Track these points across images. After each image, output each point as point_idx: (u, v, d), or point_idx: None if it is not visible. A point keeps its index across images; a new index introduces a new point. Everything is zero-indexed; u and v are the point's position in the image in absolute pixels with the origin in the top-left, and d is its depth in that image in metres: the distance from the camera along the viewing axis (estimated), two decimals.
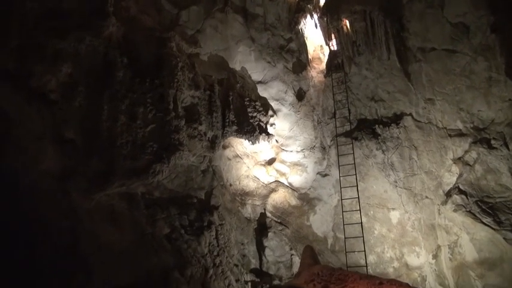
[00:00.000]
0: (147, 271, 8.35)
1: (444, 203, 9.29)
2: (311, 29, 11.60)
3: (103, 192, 7.77)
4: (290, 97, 11.05)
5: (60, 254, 7.21)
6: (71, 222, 7.46)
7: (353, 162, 9.87)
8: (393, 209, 10.17)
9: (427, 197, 9.71)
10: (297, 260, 10.98)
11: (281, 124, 11.09)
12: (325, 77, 11.31)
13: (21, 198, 6.82)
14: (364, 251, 9.18)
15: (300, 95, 11.18)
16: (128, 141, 7.82)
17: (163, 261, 8.66)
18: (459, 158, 9.21)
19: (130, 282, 8.07)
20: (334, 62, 11.10)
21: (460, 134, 9.22)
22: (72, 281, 7.28)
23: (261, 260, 11.13)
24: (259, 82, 10.99)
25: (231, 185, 11.12)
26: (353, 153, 9.98)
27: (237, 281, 10.11)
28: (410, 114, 9.94)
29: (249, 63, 10.76)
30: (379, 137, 10.10)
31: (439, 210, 9.56)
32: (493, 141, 8.67)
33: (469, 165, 8.99)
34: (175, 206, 9.35)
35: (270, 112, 11.05)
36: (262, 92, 11.03)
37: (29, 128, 6.99)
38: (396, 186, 10.03)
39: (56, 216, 7.27)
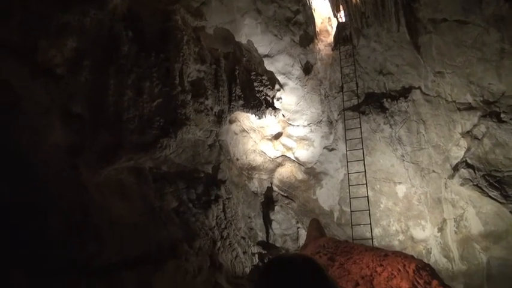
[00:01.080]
0: (156, 243, 8.53)
1: (451, 177, 9.27)
2: (319, 1, 11.32)
3: (111, 167, 7.86)
4: (297, 71, 10.91)
5: (72, 227, 7.38)
6: (81, 196, 7.59)
7: (360, 136, 9.83)
8: (400, 183, 10.19)
9: (434, 171, 9.69)
10: (303, 233, 11.15)
11: (288, 98, 11.01)
12: (332, 50, 11.12)
13: (32, 173, 6.93)
14: (370, 224, 9.27)
15: (307, 69, 11.04)
16: (134, 116, 7.83)
17: (172, 233, 8.83)
18: (467, 132, 9.12)
19: (140, 254, 8.27)
20: (342, 35, 10.88)
21: (469, 108, 9.09)
22: (84, 253, 7.48)
23: (267, 232, 11.31)
24: (266, 56, 10.84)
25: (237, 159, 11.18)
26: (360, 127, 9.92)
27: (244, 253, 10.32)
28: (419, 88, 9.79)
29: (255, 36, 10.58)
30: (387, 111, 10.01)
31: (445, 184, 9.56)
32: (502, 115, 8.55)
33: (477, 139, 8.91)
34: (182, 180, 9.46)
35: (277, 86, 10.96)
36: (269, 65, 10.90)
37: (36, 103, 7.02)
38: (403, 160, 10.01)
39: (66, 191, 7.40)
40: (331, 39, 11.38)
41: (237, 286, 9.24)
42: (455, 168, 9.22)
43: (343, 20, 10.80)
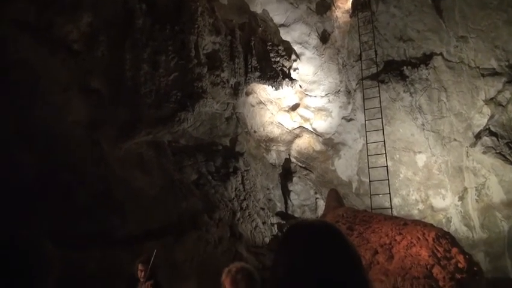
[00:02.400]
0: (177, 215, 8.75)
1: (473, 145, 9.08)
2: None
3: (131, 141, 7.99)
4: (314, 40, 10.67)
5: (95, 200, 7.61)
6: (103, 170, 7.78)
7: (379, 105, 9.65)
8: (420, 152, 10.04)
9: (455, 140, 9.50)
10: (321, 204, 11.22)
11: (305, 68, 10.83)
12: (350, 17, 10.78)
13: (55, 148, 7.11)
14: (389, 193, 9.24)
15: (324, 37, 10.78)
16: (151, 90, 7.87)
17: (192, 205, 9.02)
18: (491, 99, 8.84)
19: (162, 226, 8.51)
20: (361, 0, 10.51)
21: (494, 73, 8.77)
22: (108, 225, 7.74)
23: (286, 203, 11.43)
24: (282, 25, 10.61)
25: (255, 131, 11.19)
26: (379, 96, 9.73)
27: (263, 223, 10.49)
28: (441, 54, 9.46)
29: (270, 5, 10.33)
30: (407, 79, 9.75)
31: (467, 152, 9.38)
32: None
33: (501, 105, 8.64)
34: (201, 153, 9.57)
35: (293, 56, 10.77)
36: (285, 35, 10.68)
37: (55, 79, 7.11)
38: (423, 129, 9.83)
39: (88, 165, 7.59)
40: (348, 5, 11.01)
41: (257, 255, 9.46)
42: (478, 136, 9.01)
43: None
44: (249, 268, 3.12)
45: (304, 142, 11.47)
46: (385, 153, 9.48)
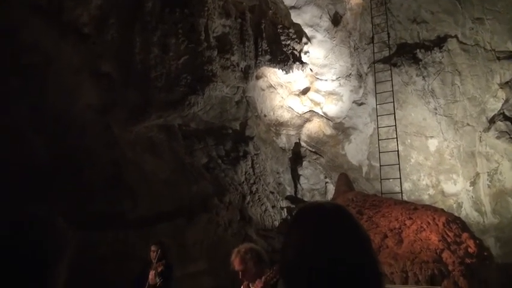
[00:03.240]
0: (188, 198, 8.84)
1: (487, 130, 8.94)
2: None
3: (142, 124, 8.04)
4: (325, 22, 10.49)
5: (107, 182, 7.72)
6: (114, 153, 7.86)
7: (391, 89, 9.52)
8: (431, 137, 9.93)
9: (468, 124, 9.36)
10: (331, 188, 11.22)
11: (315, 52, 10.69)
12: None
13: (67, 131, 7.20)
14: (400, 178, 9.19)
15: (336, 20, 10.59)
16: (162, 74, 7.87)
17: (203, 189, 9.10)
18: (506, 83, 8.65)
19: (173, 209, 8.61)
20: None
21: (510, 56, 8.57)
22: (120, 207, 7.86)
23: (296, 187, 11.46)
24: (293, 7, 10.44)
25: (265, 115, 11.15)
26: (391, 80, 9.58)
27: (273, 207, 10.55)
28: (456, 37, 9.25)
29: None
30: (420, 62, 9.57)
31: (480, 137, 9.25)
32: None
33: None
34: (211, 137, 9.59)
35: (304, 39, 10.62)
36: (296, 18, 10.52)
37: (66, 62, 7.15)
38: (436, 113, 9.69)
39: (100, 148, 7.68)
40: None
41: (267, 238, 9.54)
42: (492, 121, 8.86)
43: None
44: (258, 249, 3.17)
45: (314, 126, 11.41)
46: (396, 138, 9.40)
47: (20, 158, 6.70)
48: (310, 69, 10.79)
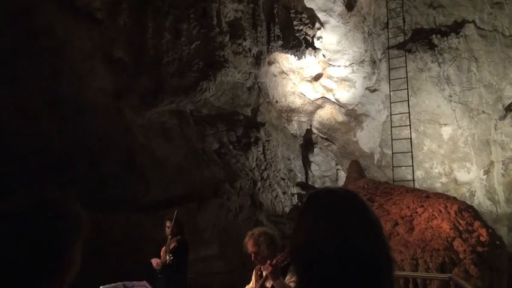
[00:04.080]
0: (199, 183, 8.92)
1: (502, 117, 8.77)
2: None
3: (154, 110, 8.09)
4: (339, 7, 10.30)
5: (120, 167, 7.83)
6: (127, 138, 7.94)
7: (405, 76, 9.37)
8: (445, 124, 9.78)
9: (483, 112, 9.19)
10: (342, 175, 11.20)
11: (329, 37, 10.54)
12: None
13: (81, 116, 7.28)
14: (412, 166, 9.11)
15: (350, 4, 10.39)
16: (174, 59, 7.87)
17: (214, 174, 9.17)
18: None
19: (184, 193, 8.71)
20: None
21: None
22: (132, 191, 7.98)
23: (306, 174, 11.46)
24: None
25: (277, 101, 11.11)
26: (405, 66, 9.42)
27: (283, 193, 10.59)
28: (473, 22, 9.01)
29: None
30: (436, 48, 9.37)
31: (495, 125, 9.08)
32: None
33: None
34: (223, 123, 9.61)
35: (317, 25, 10.46)
36: (309, 2, 10.35)
37: (80, 48, 7.20)
38: (451, 100, 9.53)
39: (113, 133, 7.76)
40: None
41: (277, 224, 9.61)
42: (508, 109, 8.68)
43: None
44: (271, 233, 3.22)
45: (326, 113, 11.33)
46: (410, 125, 9.29)
47: (36, 142, 6.82)
48: (323, 55, 10.66)
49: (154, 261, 5.15)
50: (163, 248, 5.12)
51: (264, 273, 3.03)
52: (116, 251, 7.08)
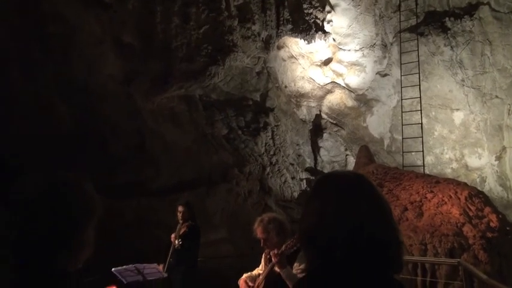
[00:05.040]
0: (209, 168, 8.97)
1: None
2: None
3: (163, 95, 8.10)
4: None
5: (130, 152, 7.90)
6: (137, 123, 7.99)
7: (417, 60, 9.21)
8: (457, 109, 9.64)
9: (497, 97, 9.02)
10: (351, 160, 11.16)
11: (339, 21, 10.36)
12: None
13: (91, 101, 7.33)
14: (422, 151, 9.03)
15: None
16: (182, 44, 7.83)
17: (223, 159, 9.21)
18: None
19: (194, 178, 8.79)
20: None
21: None
22: (142, 176, 8.06)
23: (315, 159, 11.45)
24: None
25: (286, 86, 11.03)
26: (417, 50, 9.25)
27: (292, 178, 10.62)
28: (488, 4, 8.77)
29: None
30: (449, 32, 9.17)
31: (509, 110, 8.92)
32: None
33: None
34: (231, 108, 9.60)
35: (327, 8, 10.29)
36: None
37: (89, 33, 7.19)
38: (463, 85, 9.36)
39: (123, 118, 7.82)
40: None
41: (286, 209, 9.67)
42: None
43: None
44: (281, 219, 3.23)
45: (336, 98, 11.24)
46: (421, 110, 9.17)
47: (48, 127, 6.90)
48: (333, 39, 10.50)
49: (173, 237, 5.24)
50: (174, 234, 5.20)
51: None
52: (128, 234, 7.21)
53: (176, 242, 5.11)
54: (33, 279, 0.96)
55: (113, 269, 4.60)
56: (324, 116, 11.51)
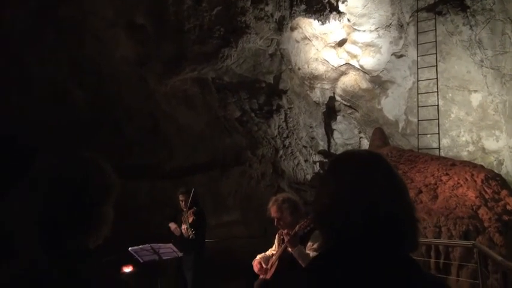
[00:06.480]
0: (222, 150, 9.01)
1: None
2: None
3: (176, 78, 8.10)
4: None
5: (144, 134, 7.97)
6: (150, 105, 8.03)
7: (434, 40, 8.98)
8: (475, 91, 9.42)
9: None
10: (365, 143, 11.07)
11: (354, 0, 10.12)
12: None
13: (105, 84, 7.38)
14: (438, 133, 8.90)
15: None
16: (195, 26, 7.77)
17: (236, 142, 9.23)
18: None
19: (207, 160, 8.85)
20: None
21: None
22: (156, 158, 8.15)
23: (329, 142, 11.38)
24: None
25: (299, 68, 10.90)
26: (435, 29, 9.00)
27: (305, 161, 10.60)
28: None
29: None
30: (468, 10, 8.88)
31: None
32: None
33: None
34: (244, 91, 9.56)
35: None
36: None
37: (102, 16, 7.18)
38: (482, 66, 9.11)
39: (137, 101, 7.86)
40: None
41: (299, 191, 9.69)
42: None
43: None
44: (295, 199, 3.26)
45: (350, 80, 11.08)
46: (437, 92, 8.99)
47: (63, 111, 6.99)
48: (348, 20, 10.28)
49: (173, 226, 5.33)
50: (184, 226, 5.24)
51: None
52: (143, 215, 7.35)
53: (189, 232, 5.14)
54: (58, 255, 0.99)
55: (129, 248, 4.71)
56: (337, 98, 11.38)
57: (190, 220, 5.25)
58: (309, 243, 2.96)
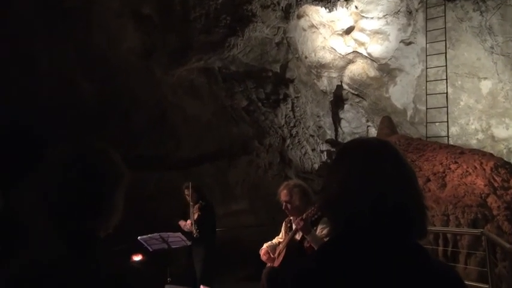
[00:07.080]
0: (229, 140, 9.03)
1: None
2: None
3: (182, 68, 8.09)
4: None
5: (151, 125, 8.00)
6: (157, 96, 8.05)
7: (443, 26, 8.84)
8: (485, 78, 9.28)
9: None
10: (373, 132, 11.01)
11: None
12: None
13: (112, 75, 7.39)
14: (447, 121, 8.81)
15: None
16: (201, 15, 7.72)
17: (243, 131, 9.23)
18: None
19: (214, 150, 8.87)
20: None
21: None
22: (163, 149, 8.18)
23: (336, 131, 11.33)
24: None
25: (306, 57, 10.81)
26: (444, 15, 8.86)
27: (313, 150, 10.59)
28: None
29: None
30: None
31: None
32: None
33: None
34: (251, 80, 9.53)
35: None
36: None
37: (108, 5, 7.17)
38: (492, 52, 8.96)
39: (144, 91, 7.88)
40: None
41: (306, 180, 9.69)
42: None
43: None
44: (305, 186, 3.31)
45: (357, 68, 10.96)
46: (446, 79, 8.88)
47: (70, 102, 7.03)
48: (355, 7, 10.14)
49: (182, 223, 5.36)
50: (189, 221, 5.26)
51: (294, 226, 3.11)
52: (151, 205, 7.41)
53: (194, 231, 5.16)
54: (68, 244, 1.01)
55: (138, 237, 4.77)
56: (345, 86, 11.29)
57: (196, 216, 5.26)
58: (319, 229, 2.99)
